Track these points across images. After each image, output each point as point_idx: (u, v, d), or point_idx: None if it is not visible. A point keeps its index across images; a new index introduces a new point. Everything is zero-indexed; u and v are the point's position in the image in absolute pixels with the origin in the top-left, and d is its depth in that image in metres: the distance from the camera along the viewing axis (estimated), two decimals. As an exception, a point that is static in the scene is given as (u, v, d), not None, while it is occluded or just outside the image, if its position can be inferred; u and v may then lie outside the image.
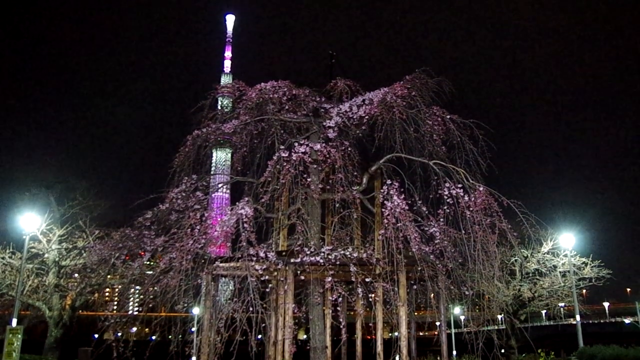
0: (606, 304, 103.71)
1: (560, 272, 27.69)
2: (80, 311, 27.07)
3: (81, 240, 25.40)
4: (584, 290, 34.33)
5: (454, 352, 35.09)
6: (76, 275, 25.12)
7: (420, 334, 55.31)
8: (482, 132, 13.20)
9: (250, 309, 10.94)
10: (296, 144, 12.41)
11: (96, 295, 27.14)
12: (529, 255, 27.52)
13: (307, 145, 12.48)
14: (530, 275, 27.85)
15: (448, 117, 13.35)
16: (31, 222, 21.20)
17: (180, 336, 12.56)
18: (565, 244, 25.87)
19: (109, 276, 21.61)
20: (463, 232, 11.87)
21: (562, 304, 34.79)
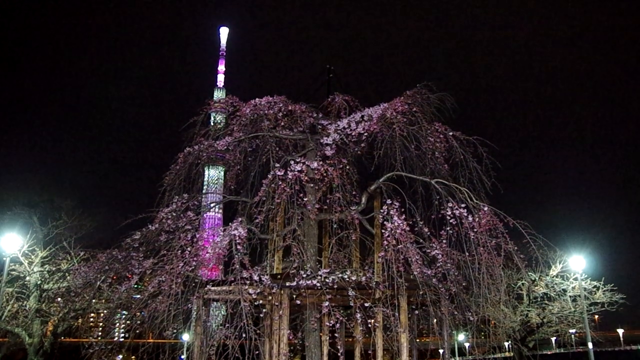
0: (620, 331, 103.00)
1: (570, 296, 27.62)
2: (62, 338, 26.83)
3: (65, 262, 25.31)
4: (596, 316, 34.11)
5: (459, 382, 34.75)
6: (59, 299, 24.95)
7: (424, 362, 54.75)
8: (486, 150, 13.31)
9: (243, 335, 10.89)
10: (292, 162, 12.48)
11: (80, 320, 26.91)
12: (536, 278, 27.49)
13: (304, 163, 12.56)
14: (539, 299, 27.78)
15: (450, 133, 13.47)
16: (12, 242, 21.11)
17: (168, 364, 12.49)
18: (576, 267, 25.78)
19: (94, 300, 21.53)
20: (467, 254, 11.90)
21: (573, 331, 34.50)
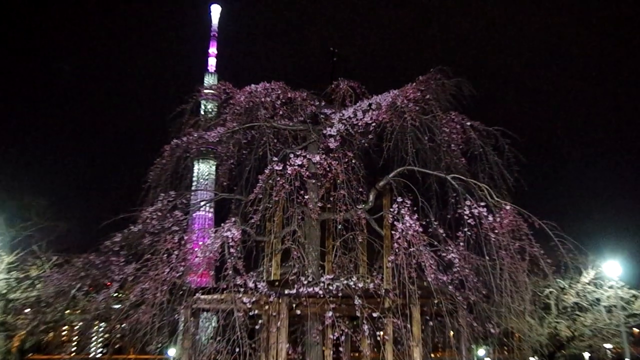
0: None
1: (604, 306, 27.65)
2: (30, 354, 27.00)
3: (35, 269, 25.40)
4: (635, 329, 34.21)
5: (479, 402, 34.90)
6: (27, 310, 25.06)
7: (439, 382, 54.73)
8: (509, 141, 13.48)
9: (237, 349, 11.02)
10: (292, 155, 12.64)
11: (51, 334, 27.05)
12: (566, 286, 27.56)
13: (305, 156, 12.72)
14: (569, 310, 27.85)
15: (468, 124, 13.62)
16: (-25, 247, 21.25)
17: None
18: (611, 273, 25.88)
19: (67, 311, 21.67)
20: (487, 258, 12.05)
21: (609, 346, 34.64)
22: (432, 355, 17.35)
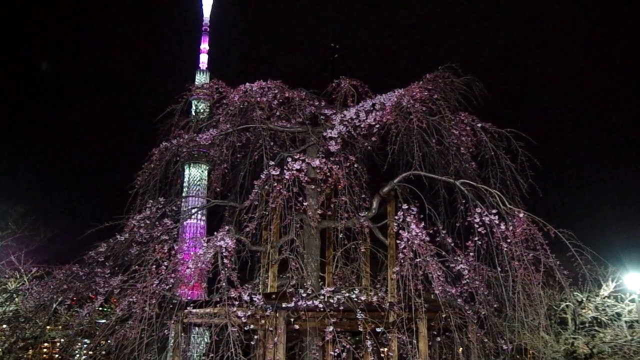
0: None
1: (626, 321, 27.60)
2: (8, 373, 26.95)
3: (13, 281, 25.42)
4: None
5: None
6: (5, 326, 25.05)
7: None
8: (522, 144, 13.51)
9: (231, 367, 11.05)
10: (289, 159, 12.67)
11: (31, 352, 27.02)
12: (584, 299, 27.56)
13: (303, 160, 12.74)
14: (587, 325, 27.82)
15: (479, 125, 13.66)
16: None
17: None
18: (632, 286, 25.89)
19: (48, 327, 21.66)
20: (499, 269, 12.10)
21: (631, 364, 34.59)
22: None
